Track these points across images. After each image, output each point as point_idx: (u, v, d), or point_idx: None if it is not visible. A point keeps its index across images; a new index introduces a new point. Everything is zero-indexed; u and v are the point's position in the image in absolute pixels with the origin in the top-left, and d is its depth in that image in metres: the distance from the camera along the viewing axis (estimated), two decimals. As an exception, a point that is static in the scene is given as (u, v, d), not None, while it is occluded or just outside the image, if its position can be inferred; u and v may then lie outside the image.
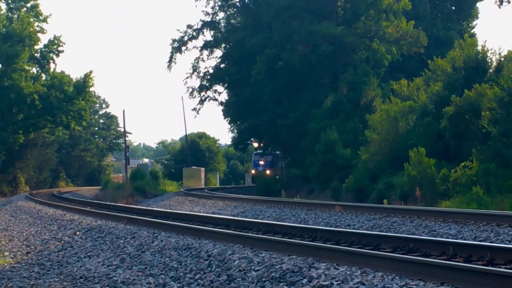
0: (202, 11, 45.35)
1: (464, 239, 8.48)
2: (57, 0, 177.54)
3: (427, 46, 32.63)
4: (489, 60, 22.54)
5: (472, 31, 39.97)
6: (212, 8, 40.30)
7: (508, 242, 8.14)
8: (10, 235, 13.63)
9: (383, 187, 21.22)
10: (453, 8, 40.92)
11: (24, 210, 20.98)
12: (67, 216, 16.07)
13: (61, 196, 31.41)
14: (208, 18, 40.38)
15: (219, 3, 40.31)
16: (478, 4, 40.76)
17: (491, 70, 22.12)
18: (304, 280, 5.18)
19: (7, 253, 10.31)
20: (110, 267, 7.74)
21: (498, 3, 30.60)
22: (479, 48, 22.96)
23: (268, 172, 45.56)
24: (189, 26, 39.93)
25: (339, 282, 4.90)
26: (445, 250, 6.16)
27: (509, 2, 30.19)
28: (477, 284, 4.44)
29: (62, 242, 11.13)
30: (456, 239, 8.49)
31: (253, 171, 50.30)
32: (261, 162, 47.58)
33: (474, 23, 41.66)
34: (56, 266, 8.61)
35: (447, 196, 17.14)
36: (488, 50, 22.55)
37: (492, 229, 9.51)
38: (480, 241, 8.25)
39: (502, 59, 21.85)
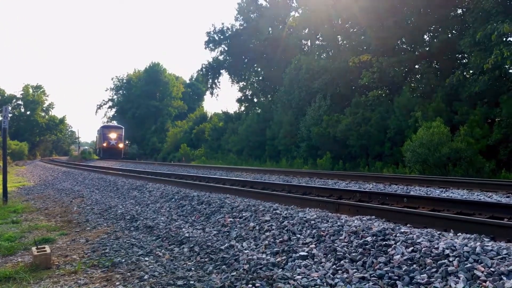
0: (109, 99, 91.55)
1: None
2: None
3: None
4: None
5: None
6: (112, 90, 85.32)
7: None
8: (32, 173, 27.70)
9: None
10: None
11: (38, 165, 37.52)
12: (56, 167, 30.35)
13: (53, 160, 53.54)
14: (110, 97, 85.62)
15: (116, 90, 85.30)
16: None
17: None
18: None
19: (31, 181, 23.77)
20: (71, 185, 20.91)
21: None
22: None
23: (121, 146, 46.67)
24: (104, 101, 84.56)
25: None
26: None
27: None
28: None
29: (53, 176, 24.57)
30: None
31: (104, 144, 48.44)
32: (113, 136, 47.63)
33: None
34: (50, 185, 21.77)
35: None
36: None
37: None
38: None
39: None
